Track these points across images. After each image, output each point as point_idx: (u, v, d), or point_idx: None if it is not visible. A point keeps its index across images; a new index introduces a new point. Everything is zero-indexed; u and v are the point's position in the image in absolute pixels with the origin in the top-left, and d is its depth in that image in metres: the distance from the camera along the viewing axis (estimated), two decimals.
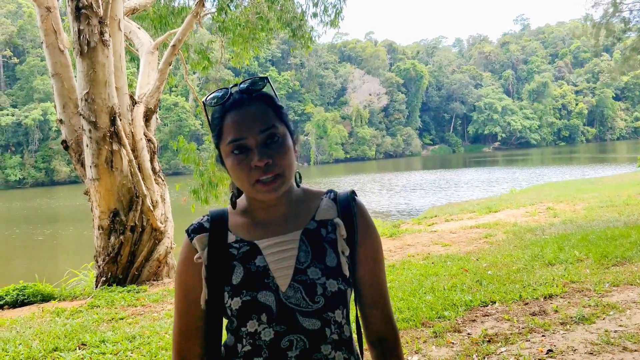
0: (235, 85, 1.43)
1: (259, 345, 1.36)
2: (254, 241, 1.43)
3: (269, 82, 1.45)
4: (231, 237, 1.45)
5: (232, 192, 1.55)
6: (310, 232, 1.43)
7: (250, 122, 1.37)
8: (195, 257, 1.44)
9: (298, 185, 1.50)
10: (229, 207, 1.52)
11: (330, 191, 1.52)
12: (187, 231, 1.49)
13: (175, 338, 1.49)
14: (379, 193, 33.22)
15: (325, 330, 1.37)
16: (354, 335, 1.48)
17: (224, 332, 1.46)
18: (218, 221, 1.48)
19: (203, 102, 1.47)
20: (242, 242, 1.43)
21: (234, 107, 1.39)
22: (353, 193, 1.50)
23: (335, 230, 1.44)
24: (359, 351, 1.50)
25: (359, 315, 1.52)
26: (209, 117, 1.46)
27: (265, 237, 1.43)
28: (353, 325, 1.51)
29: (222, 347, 1.46)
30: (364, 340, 1.55)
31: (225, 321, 1.45)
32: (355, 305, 1.52)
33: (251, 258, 1.41)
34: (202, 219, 1.50)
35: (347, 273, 1.40)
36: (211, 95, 1.43)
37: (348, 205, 1.47)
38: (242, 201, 1.50)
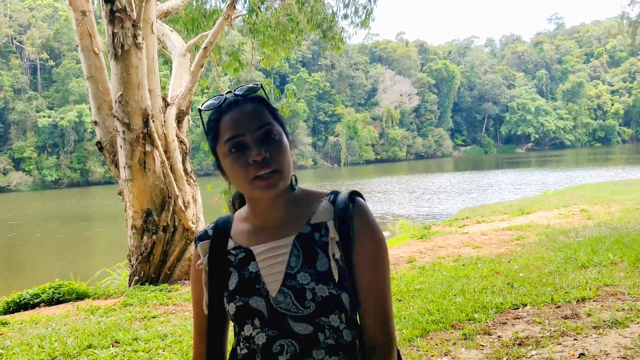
0: (230, 91, 1.46)
1: (253, 349, 1.40)
2: (249, 247, 1.46)
3: (262, 88, 1.48)
4: (230, 244, 1.49)
5: (233, 196, 1.59)
6: (303, 237, 1.42)
7: (247, 119, 1.39)
8: (197, 263, 1.52)
9: (293, 188, 1.48)
10: (235, 214, 1.56)
11: (332, 192, 1.50)
12: (194, 238, 1.56)
13: (193, 339, 1.59)
14: (409, 195, 33.04)
15: (318, 335, 1.36)
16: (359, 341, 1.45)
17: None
18: (221, 228, 1.53)
19: (199, 109, 1.50)
20: (240, 248, 1.47)
21: (230, 108, 1.42)
22: (353, 193, 1.47)
23: (327, 233, 1.42)
24: None
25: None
26: (205, 123, 1.48)
27: (261, 243, 1.45)
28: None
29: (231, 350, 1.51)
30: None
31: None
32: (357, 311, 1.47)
33: (245, 264, 1.44)
34: (208, 226, 1.57)
35: (336, 277, 1.38)
36: (207, 102, 1.47)
37: (344, 207, 1.43)
38: (245, 208, 1.52)
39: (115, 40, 8.26)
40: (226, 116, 1.41)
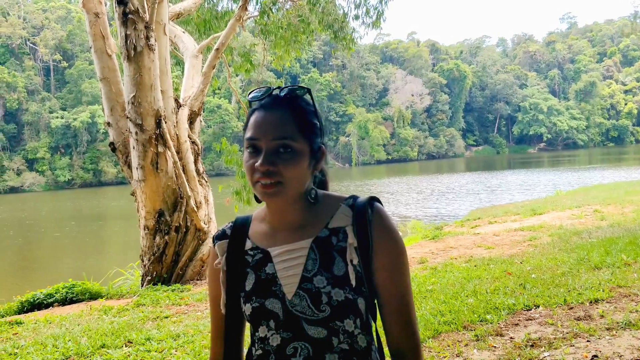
0: (278, 87, 1.45)
1: (267, 350, 1.41)
2: (267, 249, 1.46)
3: (309, 93, 1.46)
4: (248, 244, 1.49)
5: None
6: (321, 240, 1.42)
7: (268, 126, 1.38)
8: (215, 262, 1.53)
9: (313, 198, 1.46)
10: (254, 213, 1.57)
11: (350, 197, 1.50)
12: (212, 237, 1.57)
13: (210, 339, 1.60)
14: (421, 195, 32.97)
15: (331, 339, 1.36)
16: (375, 346, 1.46)
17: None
18: (239, 228, 1.53)
19: (248, 99, 1.50)
20: (257, 249, 1.47)
21: (262, 107, 1.42)
22: (372, 199, 1.46)
23: (346, 238, 1.42)
24: None
25: (376, 326, 1.48)
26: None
27: (278, 245, 1.45)
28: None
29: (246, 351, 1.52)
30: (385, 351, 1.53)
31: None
32: (380, 316, 1.48)
33: (262, 265, 1.45)
34: (227, 226, 1.57)
35: (353, 283, 1.38)
36: (253, 92, 1.47)
37: (363, 212, 1.42)
38: (264, 207, 1.52)
39: (128, 41, 8.31)
40: (256, 114, 1.42)
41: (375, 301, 1.45)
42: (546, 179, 37.10)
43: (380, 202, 1.47)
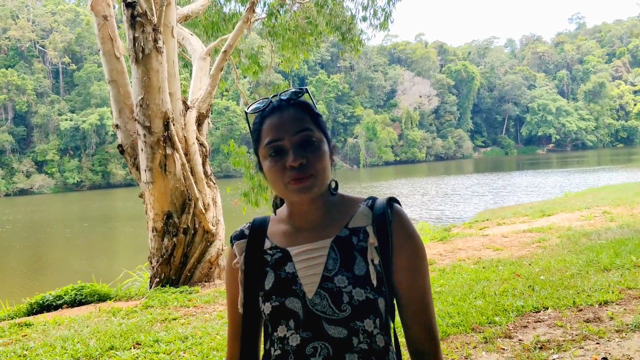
0: (276, 95, 1.48)
1: (286, 350, 1.40)
2: (286, 248, 1.47)
3: (308, 92, 1.49)
4: (267, 244, 1.50)
5: (275, 197, 1.60)
6: (341, 240, 1.43)
7: (287, 124, 1.41)
8: (234, 262, 1.53)
9: (332, 194, 1.50)
10: (272, 214, 1.58)
11: (369, 198, 1.51)
12: (230, 237, 1.58)
13: (227, 339, 1.60)
14: (429, 196, 32.90)
15: (352, 339, 1.37)
16: (392, 347, 1.46)
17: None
18: (258, 228, 1.54)
19: (245, 111, 1.53)
20: (276, 248, 1.48)
21: (272, 113, 1.44)
22: (391, 200, 1.48)
23: (366, 238, 1.43)
24: None
25: (394, 326, 1.49)
26: (250, 125, 1.51)
27: (298, 244, 1.46)
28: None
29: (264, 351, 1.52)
30: (403, 351, 1.53)
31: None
32: (398, 316, 1.50)
33: (282, 264, 1.45)
34: (244, 226, 1.58)
35: (374, 282, 1.39)
36: (253, 106, 1.49)
37: (383, 213, 1.44)
38: (283, 209, 1.54)
39: (136, 44, 8.33)
40: (268, 120, 1.44)
41: (394, 302, 1.46)
42: (555, 180, 36.94)
43: (399, 202, 1.49)
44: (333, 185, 1.49)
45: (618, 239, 9.23)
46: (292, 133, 1.39)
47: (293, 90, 1.48)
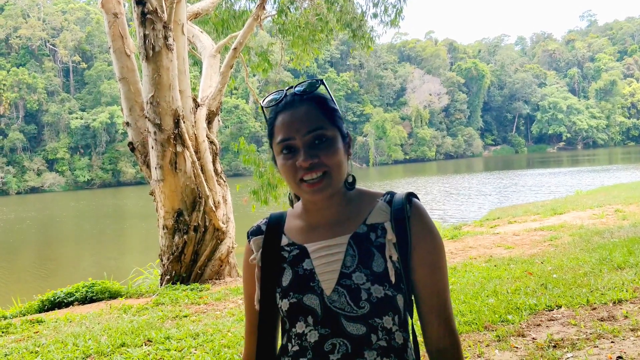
0: (292, 87, 1.47)
1: (304, 347, 1.39)
2: (304, 244, 1.45)
3: (324, 84, 1.47)
4: (284, 240, 1.49)
5: (290, 193, 1.58)
6: (359, 236, 1.42)
7: (298, 123, 1.39)
8: (250, 258, 1.52)
9: (349, 189, 1.47)
10: (288, 210, 1.56)
11: (388, 193, 1.48)
12: (247, 233, 1.56)
13: (244, 335, 1.59)
14: (439, 195, 32.81)
15: (370, 336, 1.35)
16: (410, 344, 1.44)
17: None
18: (274, 224, 1.53)
19: (261, 105, 1.51)
20: (294, 245, 1.47)
21: (285, 108, 1.42)
22: (410, 195, 1.45)
23: (384, 234, 1.41)
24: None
25: (413, 322, 1.47)
26: (266, 117, 1.50)
27: (315, 241, 1.44)
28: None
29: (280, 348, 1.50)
30: (421, 348, 1.51)
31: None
32: (416, 313, 1.47)
33: (300, 261, 1.43)
34: (261, 221, 1.56)
35: (393, 279, 1.37)
36: (268, 98, 1.48)
37: (401, 208, 1.41)
38: (300, 205, 1.52)
39: (147, 41, 8.34)
40: (280, 116, 1.42)
41: (413, 298, 1.44)
42: (566, 179, 36.72)
43: (417, 197, 1.46)
44: (350, 180, 1.46)
45: (631, 237, 9.15)
46: (303, 133, 1.38)
47: (308, 82, 1.46)
